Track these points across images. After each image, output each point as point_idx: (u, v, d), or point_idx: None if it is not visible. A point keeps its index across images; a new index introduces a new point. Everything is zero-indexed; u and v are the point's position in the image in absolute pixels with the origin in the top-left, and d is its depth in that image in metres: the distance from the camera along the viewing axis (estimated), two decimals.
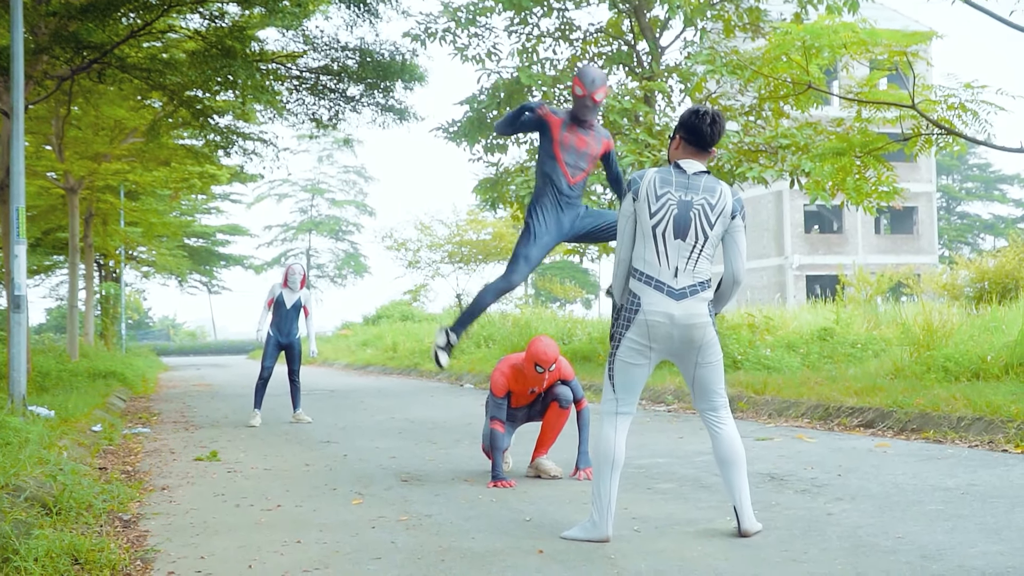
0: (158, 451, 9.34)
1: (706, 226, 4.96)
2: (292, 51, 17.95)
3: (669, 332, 4.96)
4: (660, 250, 4.97)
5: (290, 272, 12.14)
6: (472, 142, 18.61)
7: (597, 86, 6.38)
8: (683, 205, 4.96)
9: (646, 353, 5.03)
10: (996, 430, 8.30)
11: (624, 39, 18.59)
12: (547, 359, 6.95)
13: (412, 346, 29.33)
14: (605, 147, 6.74)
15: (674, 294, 4.93)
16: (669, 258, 4.95)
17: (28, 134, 19.39)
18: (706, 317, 4.97)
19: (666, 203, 4.97)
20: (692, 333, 4.96)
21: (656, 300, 4.94)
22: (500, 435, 7.05)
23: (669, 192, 4.98)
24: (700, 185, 5.01)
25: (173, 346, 67.65)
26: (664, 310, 4.93)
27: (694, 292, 4.95)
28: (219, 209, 43.51)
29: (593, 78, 6.35)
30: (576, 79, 6.38)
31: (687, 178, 5.02)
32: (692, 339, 4.97)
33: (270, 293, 12.13)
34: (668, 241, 4.96)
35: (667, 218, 4.96)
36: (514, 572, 4.45)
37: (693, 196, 4.98)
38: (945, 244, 68.17)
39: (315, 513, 6.02)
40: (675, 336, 4.97)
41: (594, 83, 6.35)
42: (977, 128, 11.35)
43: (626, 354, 5.05)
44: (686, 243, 4.95)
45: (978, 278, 21.62)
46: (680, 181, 5.01)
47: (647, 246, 5.00)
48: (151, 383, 21.77)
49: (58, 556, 4.43)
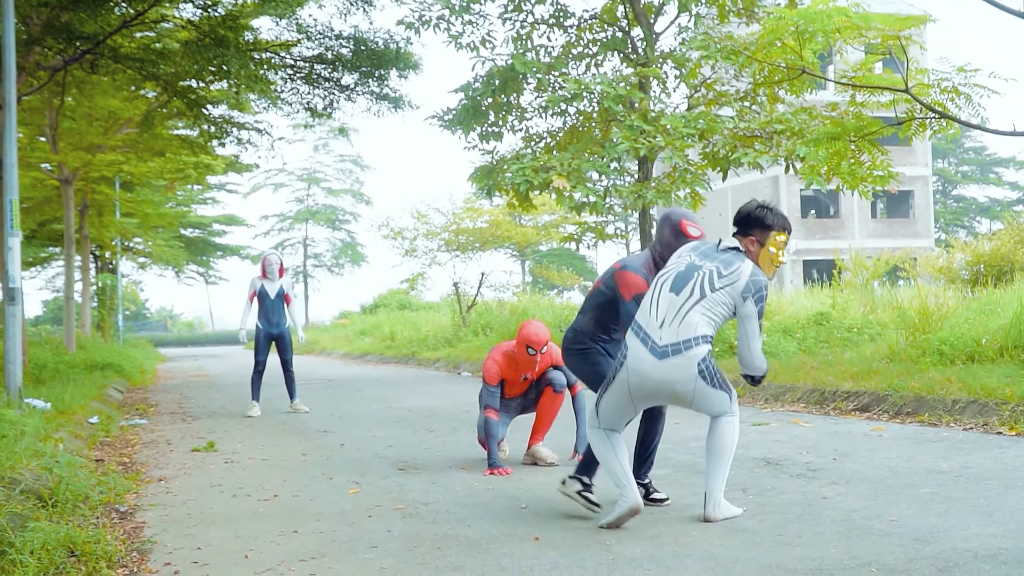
0: (155, 442, 9.36)
1: (706, 287, 4.95)
2: (286, 40, 17.90)
3: (653, 390, 4.98)
4: (654, 300, 5.05)
5: (267, 263, 12.16)
6: (467, 130, 18.55)
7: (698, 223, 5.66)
8: (691, 267, 5.03)
9: (633, 403, 5.08)
10: (990, 413, 8.32)
11: (618, 25, 18.55)
12: (539, 341, 6.98)
13: (410, 335, 29.33)
14: None
15: (656, 351, 4.92)
16: (659, 309, 4.99)
17: (22, 125, 19.33)
18: (690, 377, 4.89)
19: (679, 262, 5.11)
20: (675, 391, 4.94)
21: (639, 356, 4.95)
22: (495, 423, 7.06)
23: (689, 254, 5.13)
24: (719, 256, 5.05)
25: (171, 337, 67.57)
26: (645, 369, 4.93)
27: (676, 351, 4.89)
28: (215, 199, 43.40)
29: (696, 218, 5.68)
30: (683, 222, 5.54)
31: (715, 251, 5.10)
32: (677, 396, 4.98)
33: (251, 287, 12.15)
34: (663, 293, 5.03)
35: (672, 273, 5.08)
36: (510, 559, 4.46)
37: (706, 262, 5.03)
38: (941, 227, 68.16)
39: (312, 503, 6.04)
40: (660, 393, 4.99)
41: (698, 221, 5.65)
42: (971, 112, 11.34)
43: (614, 397, 5.10)
44: (678, 297, 4.97)
45: (974, 261, 21.60)
46: (706, 251, 5.10)
47: (648, 295, 5.13)
48: (148, 374, 21.77)
49: (54, 548, 4.44)
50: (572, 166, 16.16)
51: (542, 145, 19.09)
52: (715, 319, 4.97)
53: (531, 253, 53.35)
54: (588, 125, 18.59)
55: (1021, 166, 72.46)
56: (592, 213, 17.63)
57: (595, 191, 16.68)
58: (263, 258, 12.25)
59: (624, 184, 17.94)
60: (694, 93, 18.03)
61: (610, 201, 18.12)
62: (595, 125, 18.40)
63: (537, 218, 41.43)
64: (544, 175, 16.06)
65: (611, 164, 16.94)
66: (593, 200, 16.85)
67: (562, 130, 19.03)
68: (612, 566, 4.28)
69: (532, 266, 55.52)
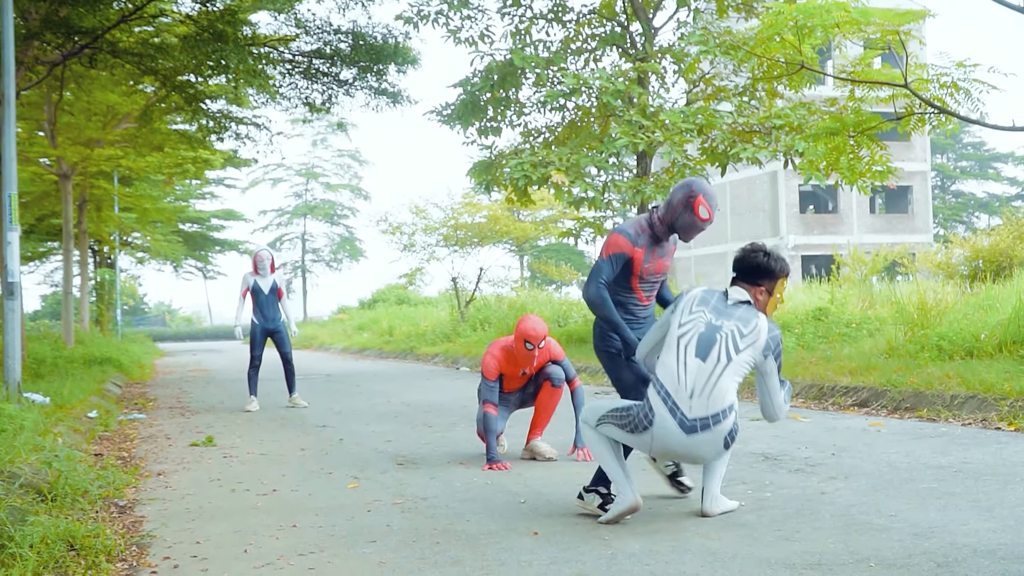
0: (154, 437, 9.36)
1: (731, 350, 4.89)
2: (284, 35, 17.88)
3: (675, 455, 4.99)
4: (680, 363, 4.91)
5: (259, 259, 12.18)
6: (466, 125, 18.56)
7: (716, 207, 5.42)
8: (711, 327, 4.94)
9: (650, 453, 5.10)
10: (989, 408, 8.32)
11: (617, 20, 18.55)
12: (536, 336, 6.98)
13: (408, 330, 29.34)
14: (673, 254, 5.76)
15: (685, 425, 4.84)
16: (688, 376, 4.87)
17: (20, 120, 19.33)
18: (717, 450, 4.93)
19: (696, 319, 4.98)
20: (698, 456, 4.97)
21: (667, 428, 4.86)
22: (493, 418, 7.07)
23: (703, 311, 5.00)
24: (735, 314, 4.98)
25: (169, 332, 67.57)
26: (672, 441, 4.87)
27: (706, 427, 4.84)
28: (213, 194, 43.40)
29: (715, 199, 5.38)
30: (701, 198, 5.30)
31: (726, 304, 5.03)
32: (698, 460, 5.01)
33: (244, 283, 12.16)
34: (689, 358, 4.90)
35: (693, 333, 4.95)
36: (509, 554, 4.47)
37: (724, 321, 4.95)
38: (940, 223, 68.17)
39: (311, 497, 6.04)
40: (682, 457, 5.00)
41: (715, 204, 5.38)
42: (970, 107, 11.33)
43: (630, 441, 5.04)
44: (706, 365, 4.87)
45: (973, 257, 21.61)
46: (718, 305, 5.01)
47: (669, 354, 4.97)
48: (147, 369, 21.77)
49: (54, 542, 4.44)
50: (571, 161, 16.17)
51: (541, 140, 19.10)
52: (740, 379, 4.95)
53: (529, 248, 53.36)
54: (587, 120, 18.59)
55: (1020, 161, 72.50)
56: (591, 208, 17.64)
57: (594, 186, 16.69)
58: (255, 254, 12.26)
59: (623, 179, 17.94)
60: (693, 88, 18.03)
61: (609, 196, 18.13)
62: (594, 120, 18.40)
63: (536, 213, 41.47)
64: (543, 170, 16.07)
65: (610, 159, 16.95)
66: (592, 195, 16.86)
67: (561, 125, 19.04)
68: (611, 561, 4.28)
69: (530, 261, 55.52)
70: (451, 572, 4.20)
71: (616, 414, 5.06)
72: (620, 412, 5.05)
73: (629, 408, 5.02)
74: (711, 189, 5.39)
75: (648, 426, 4.91)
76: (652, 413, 4.91)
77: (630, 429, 4.99)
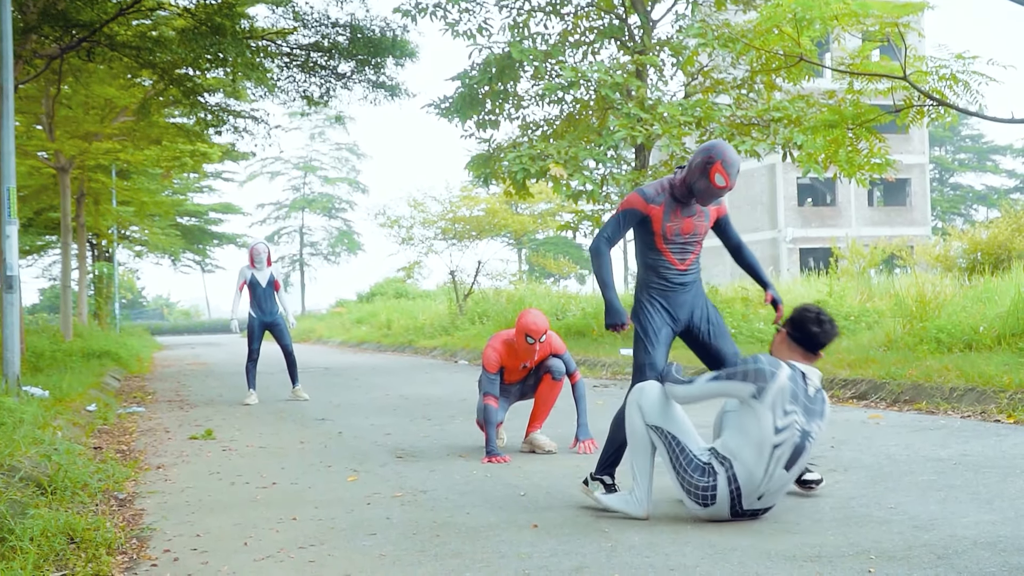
0: (153, 430, 9.36)
1: (807, 457, 4.80)
2: (282, 28, 17.85)
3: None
4: (767, 472, 4.69)
5: (255, 253, 12.16)
6: (464, 118, 18.55)
7: (736, 174, 5.20)
8: (803, 435, 4.70)
9: None
10: (988, 400, 8.33)
11: (615, 13, 18.53)
12: (537, 330, 6.99)
13: (406, 323, 29.34)
14: (716, 216, 5.51)
15: (737, 512, 4.73)
16: (767, 483, 4.70)
17: (18, 113, 19.30)
18: None
19: (791, 426, 4.67)
20: None
21: (721, 509, 4.72)
22: (494, 410, 7.08)
23: (796, 414, 4.68)
24: (819, 410, 4.78)
25: (167, 325, 67.65)
26: (719, 516, 4.76)
27: (754, 516, 4.80)
28: (211, 188, 43.41)
29: (736, 166, 5.16)
30: (719, 165, 5.12)
31: (809, 397, 4.76)
32: None
33: (241, 276, 12.14)
34: (778, 469, 4.69)
35: (788, 446, 4.67)
36: (508, 546, 4.47)
37: (813, 424, 4.74)
38: (938, 215, 68.18)
39: (310, 490, 6.04)
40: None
41: (736, 172, 5.17)
42: (968, 99, 11.33)
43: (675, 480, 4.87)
44: (789, 474, 4.74)
45: (971, 249, 21.63)
46: (805, 400, 4.73)
47: (756, 457, 4.67)
48: (145, 362, 21.78)
49: (54, 535, 4.44)
50: (569, 154, 16.16)
51: (539, 133, 19.09)
52: None
53: (528, 241, 53.34)
54: (585, 113, 18.58)
55: (1018, 154, 72.48)
56: (589, 201, 17.63)
57: (592, 179, 16.68)
58: (251, 248, 12.24)
59: (621, 172, 17.93)
60: (691, 81, 18.03)
61: (607, 189, 18.13)
62: (592, 113, 18.39)
63: (534, 206, 41.42)
64: (541, 163, 16.07)
65: (608, 152, 16.95)
66: (590, 188, 16.86)
67: (559, 118, 19.03)
68: (611, 553, 4.28)
69: (529, 254, 55.47)
70: (451, 564, 4.20)
71: (679, 456, 4.81)
72: (684, 462, 4.78)
73: (696, 470, 4.74)
74: (733, 155, 5.16)
75: (704, 505, 4.72)
76: (713, 501, 4.72)
77: (684, 485, 4.78)
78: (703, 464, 4.75)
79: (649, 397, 4.94)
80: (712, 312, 5.49)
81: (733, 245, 5.58)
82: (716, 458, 4.75)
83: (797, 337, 4.89)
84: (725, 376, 4.80)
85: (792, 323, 4.93)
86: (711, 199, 5.26)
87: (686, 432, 4.86)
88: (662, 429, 4.87)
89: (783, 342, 4.93)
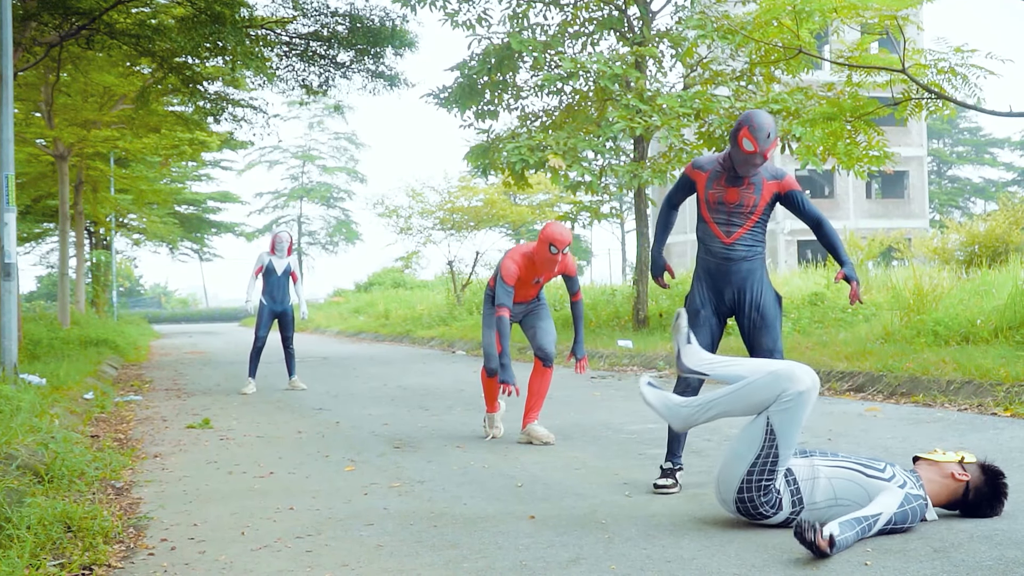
0: (150, 419, 9.36)
1: None
2: (281, 16, 17.81)
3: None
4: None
5: (277, 240, 12.14)
6: (463, 108, 18.51)
7: (771, 141, 5.13)
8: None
9: None
10: (985, 393, 8.34)
11: (615, 4, 18.49)
12: (562, 240, 7.04)
13: (404, 313, 29.35)
14: (775, 191, 5.35)
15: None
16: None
17: (17, 101, 19.27)
18: None
19: None
20: None
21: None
22: (508, 321, 7.10)
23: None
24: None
25: (165, 313, 67.61)
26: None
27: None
28: (210, 176, 43.35)
29: (769, 131, 5.09)
30: (746, 130, 5.11)
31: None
32: None
33: (258, 261, 12.12)
34: None
35: None
36: (506, 537, 4.47)
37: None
38: (936, 208, 68.19)
39: (308, 480, 6.05)
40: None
41: (769, 138, 5.10)
42: (967, 92, 11.35)
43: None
44: None
45: (968, 242, 21.64)
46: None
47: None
48: (143, 351, 21.78)
49: (51, 524, 4.44)
50: (568, 145, 16.15)
51: (538, 124, 19.05)
52: None
53: (526, 232, 53.29)
54: (584, 104, 18.55)
55: (1016, 147, 72.47)
56: (588, 192, 17.63)
57: (591, 170, 16.67)
58: (274, 235, 12.19)
59: (620, 163, 17.91)
60: (690, 72, 18.00)
61: (606, 180, 18.12)
62: (591, 104, 18.37)
63: (532, 197, 41.31)
64: (540, 154, 16.05)
65: (607, 143, 16.93)
66: (589, 179, 16.85)
67: (558, 109, 19.00)
68: (608, 544, 4.29)
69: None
70: (448, 555, 4.21)
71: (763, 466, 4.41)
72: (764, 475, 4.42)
73: (766, 492, 4.42)
74: (765, 119, 5.12)
75: (765, 515, 4.46)
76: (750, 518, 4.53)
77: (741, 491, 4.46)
78: (776, 492, 4.45)
79: (802, 397, 4.39)
80: (766, 301, 5.39)
81: (812, 222, 5.45)
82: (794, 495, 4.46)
83: (979, 491, 4.50)
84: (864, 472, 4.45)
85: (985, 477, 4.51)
86: (748, 167, 5.21)
87: (787, 456, 4.45)
88: (774, 430, 4.42)
89: (947, 478, 4.53)
